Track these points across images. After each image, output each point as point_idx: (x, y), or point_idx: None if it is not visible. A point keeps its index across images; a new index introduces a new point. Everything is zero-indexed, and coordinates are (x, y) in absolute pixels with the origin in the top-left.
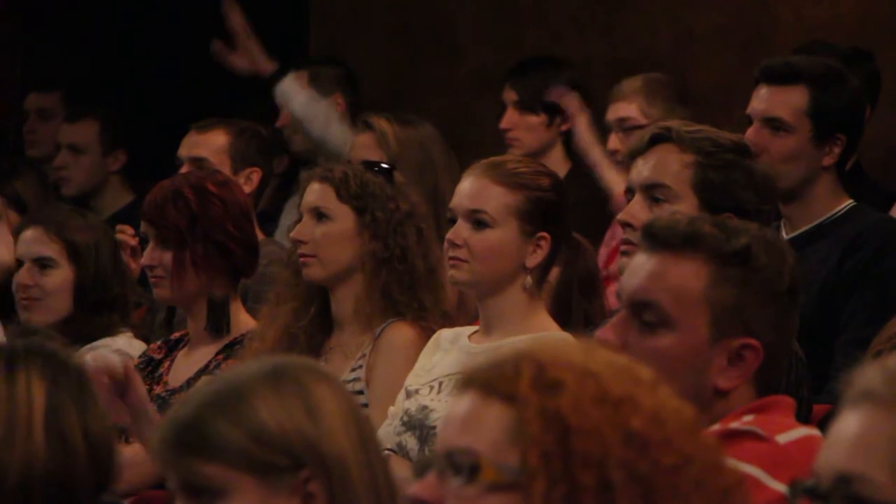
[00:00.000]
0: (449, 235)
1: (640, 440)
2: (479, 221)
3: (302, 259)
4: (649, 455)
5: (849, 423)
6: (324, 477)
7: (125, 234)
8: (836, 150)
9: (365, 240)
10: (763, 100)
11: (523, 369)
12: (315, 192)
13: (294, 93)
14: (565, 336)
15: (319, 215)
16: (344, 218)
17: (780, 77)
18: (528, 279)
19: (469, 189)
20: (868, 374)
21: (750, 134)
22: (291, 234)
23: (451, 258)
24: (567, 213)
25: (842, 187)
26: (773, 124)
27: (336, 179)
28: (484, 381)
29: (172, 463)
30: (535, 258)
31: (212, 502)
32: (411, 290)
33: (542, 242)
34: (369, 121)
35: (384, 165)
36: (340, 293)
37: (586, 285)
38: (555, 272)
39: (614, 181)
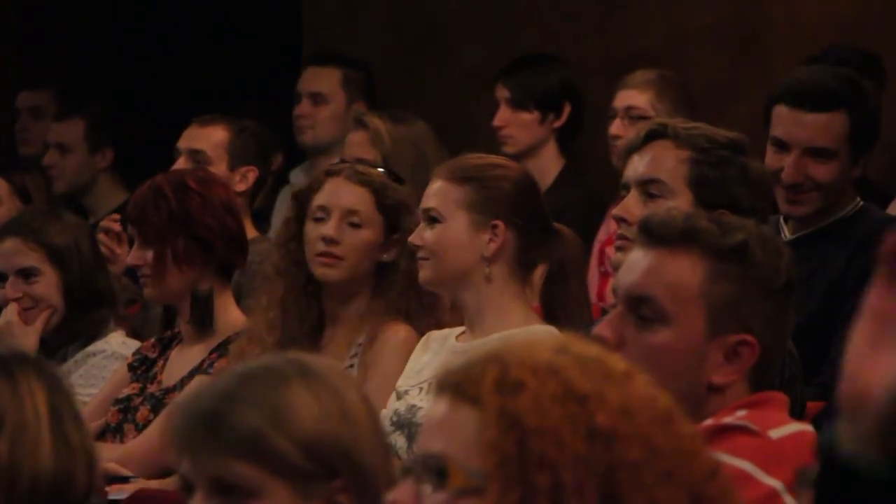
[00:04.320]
0: (409, 238)
1: (604, 436)
2: (431, 219)
3: (326, 259)
4: (614, 450)
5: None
6: (356, 489)
7: (111, 220)
8: (863, 162)
9: (384, 251)
10: (804, 127)
11: (488, 371)
12: (351, 195)
13: None
14: (547, 329)
15: (353, 221)
16: (376, 227)
17: (819, 104)
18: (487, 269)
19: (428, 191)
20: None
21: (791, 164)
22: (324, 231)
23: (417, 259)
24: (531, 203)
25: (851, 186)
26: (816, 152)
27: (376, 185)
28: (454, 385)
29: (201, 456)
30: (491, 247)
31: (240, 502)
32: (431, 306)
33: (497, 231)
34: (363, 119)
35: (398, 175)
36: (341, 295)
37: (560, 272)
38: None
39: None
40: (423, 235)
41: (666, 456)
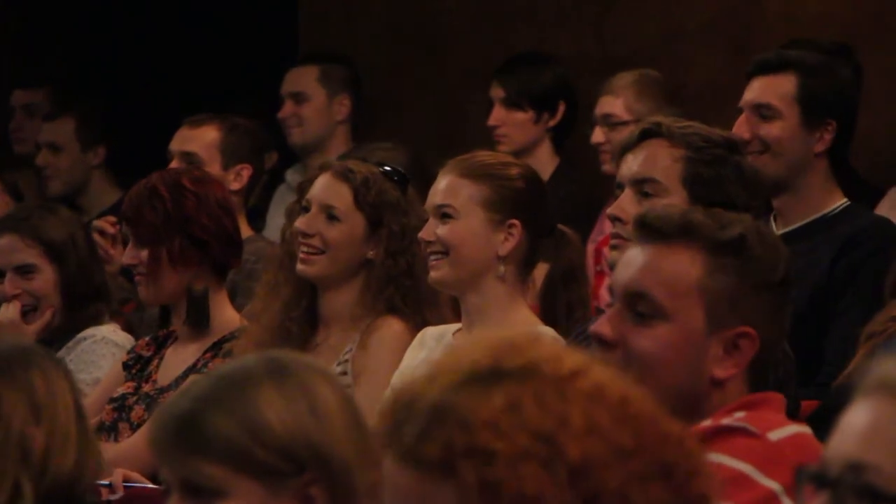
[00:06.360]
0: (420, 234)
1: (580, 468)
2: (444, 215)
3: (304, 255)
4: (593, 478)
5: (862, 412)
6: (326, 481)
7: (106, 222)
8: (828, 137)
9: (370, 248)
10: (753, 90)
11: (455, 439)
12: (330, 189)
13: None
14: (545, 331)
15: (331, 215)
16: (355, 223)
17: (769, 67)
18: (502, 268)
19: (437, 187)
20: (885, 366)
21: (740, 123)
22: (298, 225)
23: (430, 255)
24: (543, 204)
25: (836, 184)
26: (762, 111)
27: (357, 181)
28: (419, 453)
29: (173, 458)
30: (506, 246)
31: (210, 502)
32: (416, 304)
33: (513, 230)
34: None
35: (402, 173)
36: (331, 293)
37: (568, 276)
38: (542, 270)
39: None
40: (434, 231)
41: (635, 451)
